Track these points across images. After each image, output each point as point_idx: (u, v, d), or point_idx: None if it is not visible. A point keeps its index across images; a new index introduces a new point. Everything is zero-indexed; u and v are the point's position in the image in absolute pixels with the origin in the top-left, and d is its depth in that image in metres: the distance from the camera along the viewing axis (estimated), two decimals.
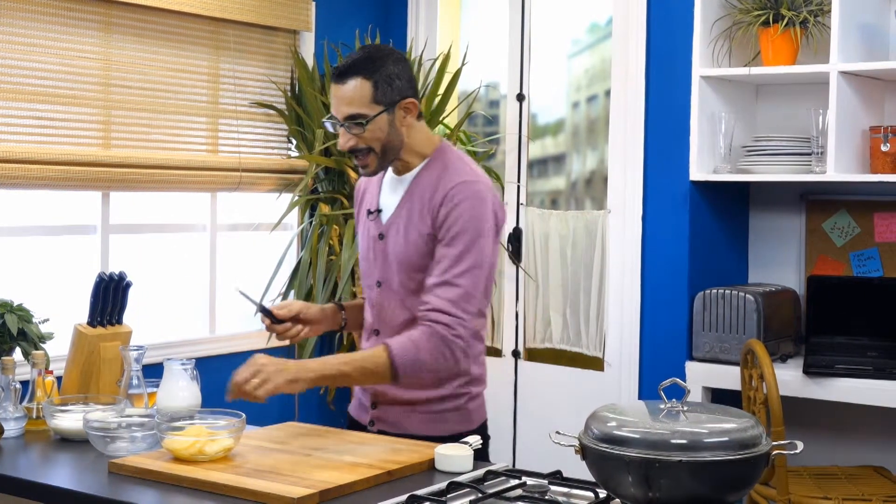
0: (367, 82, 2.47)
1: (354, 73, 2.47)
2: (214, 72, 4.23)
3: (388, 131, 2.51)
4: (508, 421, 4.63)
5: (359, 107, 2.48)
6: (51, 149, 3.66)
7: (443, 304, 2.45)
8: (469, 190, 2.50)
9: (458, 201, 2.49)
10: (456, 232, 2.48)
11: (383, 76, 2.48)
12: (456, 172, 2.54)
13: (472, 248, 2.48)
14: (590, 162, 4.69)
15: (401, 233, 2.56)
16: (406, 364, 2.43)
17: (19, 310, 2.86)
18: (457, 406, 2.63)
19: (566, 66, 4.76)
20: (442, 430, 2.58)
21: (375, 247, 2.63)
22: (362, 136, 2.50)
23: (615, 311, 4.32)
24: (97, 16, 3.83)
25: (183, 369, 2.63)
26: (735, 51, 4.12)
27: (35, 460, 2.47)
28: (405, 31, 4.92)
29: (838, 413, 4.06)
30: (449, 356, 2.46)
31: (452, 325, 2.45)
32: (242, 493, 2.06)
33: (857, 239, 4.17)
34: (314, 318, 2.69)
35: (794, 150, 3.95)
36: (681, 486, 1.80)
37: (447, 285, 2.46)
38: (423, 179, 2.57)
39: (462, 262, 2.47)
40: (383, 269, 2.61)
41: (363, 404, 2.70)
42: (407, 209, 2.57)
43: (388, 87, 2.49)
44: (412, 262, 2.54)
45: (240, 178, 4.27)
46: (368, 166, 2.55)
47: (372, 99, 2.48)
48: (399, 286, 2.57)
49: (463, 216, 2.48)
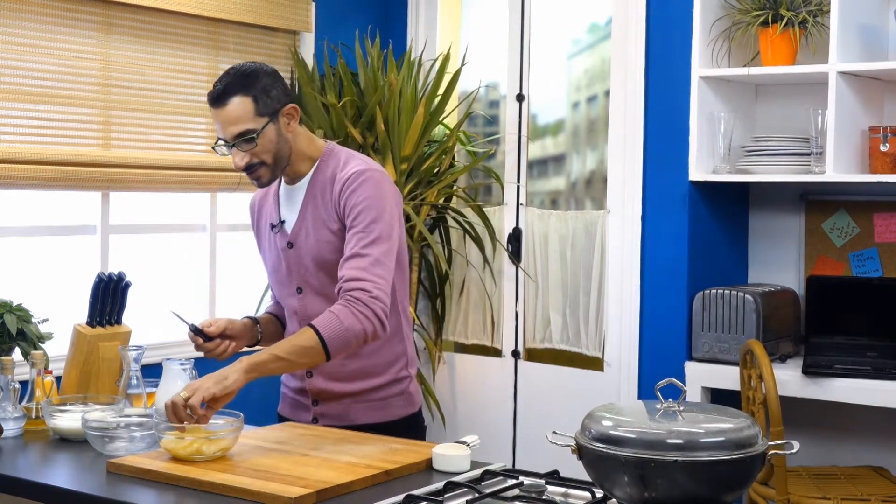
0: (247, 98, 2.53)
1: (232, 92, 2.53)
2: (214, 72, 4.23)
3: (277, 141, 2.58)
4: (508, 421, 4.64)
5: (245, 123, 2.53)
6: (50, 149, 3.67)
7: (355, 273, 2.50)
8: (363, 175, 2.58)
9: (356, 186, 2.56)
10: (358, 212, 2.55)
11: (259, 89, 2.54)
12: (348, 165, 2.62)
13: (377, 222, 2.54)
14: (589, 162, 4.69)
15: (310, 235, 2.63)
16: (333, 336, 2.44)
17: (18, 310, 2.86)
18: (400, 391, 2.71)
19: (566, 66, 4.76)
20: (387, 416, 2.68)
21: (287, 257, 2.68)
22: (254, 151, 2.56)
23: (615, 312, 4.32)
24: (96, 16, 3.83)
25: (182, 369, 2.64)
26: (734, 51, 4.13)
27: (34, 460, 2.47)
28: (405, 31, 4.93)
29: (838, 413, 4.06)
30: (372, 317, 2.47)
31: (368, 289, 2.48)
32: (240, 493, 2.07)
33: (856, 239, 4.17)
34: (239, 334, 2.74)
35: (794, 151, 3.95)
36: (677, 486, 1.80)
37: (357, 257, 2.52)
38: (318, 179, 2.64)
39: (368, 235, 2.53)
40: (300, 275, 2.67)
41: (301, 403, 2.74)
42: (311, 211, 2.63)
43: (267, 97, 2.55)
44: (326, 259, 2.60)
45: (239, 178, 4.27)
46: (261, 178, 2.61)
47: (255, 113, 2.54)
48: (320, 286, 2.63)
49: (362, 197, 2.55)
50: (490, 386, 4.71)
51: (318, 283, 2.64)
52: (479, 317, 4.78)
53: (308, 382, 2.70)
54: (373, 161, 2.68)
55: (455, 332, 4.85)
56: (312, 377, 2.69)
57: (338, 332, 2.44)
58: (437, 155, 4.50)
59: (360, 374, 2.67)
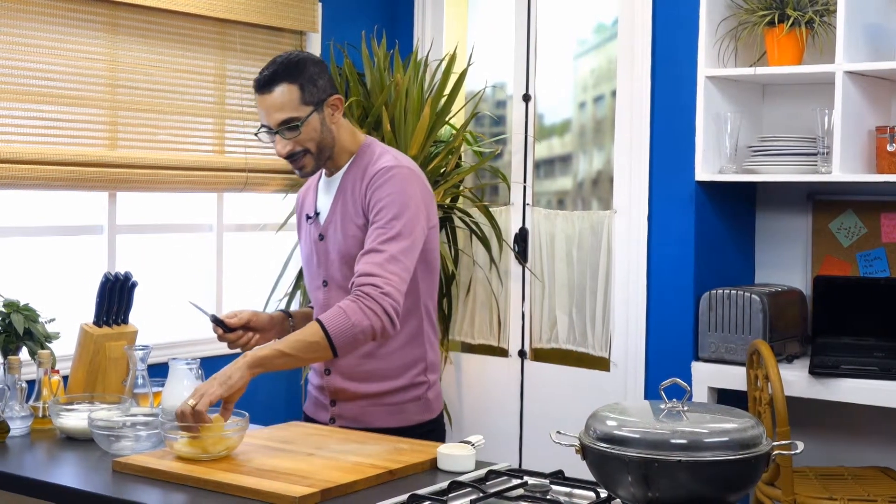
0: (293, 86, 2.55)
1: (278, 80, 2.55)
2: (221, 72, 4.25)
3: (321, 130, 2.60)
4: (515, 421, 4.64)
5: (290, 111, 2.56)
6: (57, 149, 3.68)
7: (369, 268, 2.49)
8: (391, 171, 2.59)
9: (382, 182, 2.57)
10: (380, 208, 2.56)
11: (306, 78, 2.57)
12: (379, 160, 2.62)
13: (398, 219, 2.53)
14: (596, 162, 4.69)
15: (339, 229, 2.64)
16: (339, 332, 2.41)
17: (25, 309, 2.87)
18: (417, 396, 2.69)
19: (572, 66, 4.76)
20: (403, 422, 2.66)
21: (317, 248, 2.70)
22: (298, 139, 2.58)
23: (621, 312, 4.32)
24: (103, 17, 3.84)
25: (188, 369, 2.63)
26: (741, 51, 4.12)
27: (40, 459, 2.48)
28: (412, 31, 4.93)
29: (845, 413, 4.05)
30: (381, 314, 2.44)
31: (379, 284, 2.46)
32: (244, 492, 2.07)
33: (863, 239, 4.17)
34: (264, 326, 2.73)
35: (800, 151, 3.95)
36: (680, 486, 1.80)
37: (373, 252, 2.52)
38: (350, 174, 2.66)
39: (387, 231, 2.53)
40: (327, 268, 2.68)
41: (321, 402, 2.74)
42: (341, 205, 2.65)
43: (314, 87, 2.57)
44: (351, 253, 2.60)
45: (246, 178, 4.28)
46: (305, 167, 2.63)
47: (301, 101, 2.56)
48: (343, 281, 2.63)
49: (386, 193, 2.56)
50: (496, 386, 4.71)
51: (342, 277, 2.64)
52: (486, 317, 4.78)
53: (326, 380, 2.70)
54: (406, 157, 2.68)
55: (462, 332, 4.85)
56: (330, 375, 2.69)
57: (344, 327, 2.41)
58: (444, 155, 4.50)
59: (375, 376, 2.65)
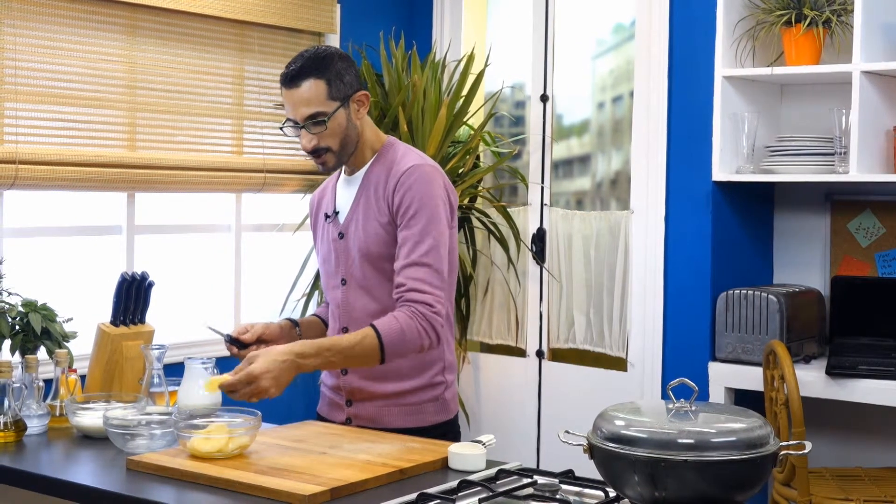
0: (320, 81, 2.56)
1: (306, 74, 2.55)
2: (239, 74, 4.27)
3: (346, 126, 2.60)
4: (532, 421, 4.64)
5: (317, 105, 2.56)
6: (77, 150, 3.71)
7: (417, 284, 2.52)
8: (418, 171, 2.59)
9: (410, 184, 2.57)
10: (413, 213, 2.56)
11: (334, 73, 2.57)
12: (404, 159, 2.63)
13: (431, 227, 2.56)
14: (615, 162, 4.69)
15: (360, 227, 2.64)
16: (393, 343, 2.48)
17: (43, 309, 2.90)
18: (435, 396, 2.69)
19: (591, 66, 4.76)
20: (420, 422, 2.66)
21: (336, 247, 2.69)
22: (323, 134, 2.58)
23: (638, 312, 4.32)
24: (122, 19, 3.88)
25: (203, 368, 2.67)
26: (758, 51, 4.11)
27: (56, 457, 2.51)
28: (430, 32, 4.95)
29: (862, 414, 4.04)
30: (431, 332, 2.51)
31: (431, 303, 2.51)
32: (256, 490, 2.09)
33: (882, 239, 4.15)
34: (275, 337, 2.73)
35: (818, 151, 3.93)
36: (687, 486, 1.81)
37: (416, 266, 2.53)
38: (373, 172, 2.66)
39: (424, 241, 2.55)
40: (346, 266, 2.68)
41: (336, 402, 2.74)
42: (363, 203, 2.65)
43: (340, 82, 2.58)
44: (373, 252, 2.61)
45: (264, 179, 4.31)
46: (328, 162, 2.63)
47: (327, 96, 2.56)
48: (363, 279, 2.64)
49: (416, 197, 2.56)
50: (514, 386, 4.72)
51: (362, 276, 2.64)
52: (504, 317, 4.79)
53: (342, 380, 2.70)
54: (428, 157, 2.69)
55: (479, 332, 4.86)
56: (347, 374, 2.69)
57: (398, 342, 2.48)
58: (461, 155, 4.51)
59: (393, 375, 2.65)
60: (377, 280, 2.62)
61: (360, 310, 2.65)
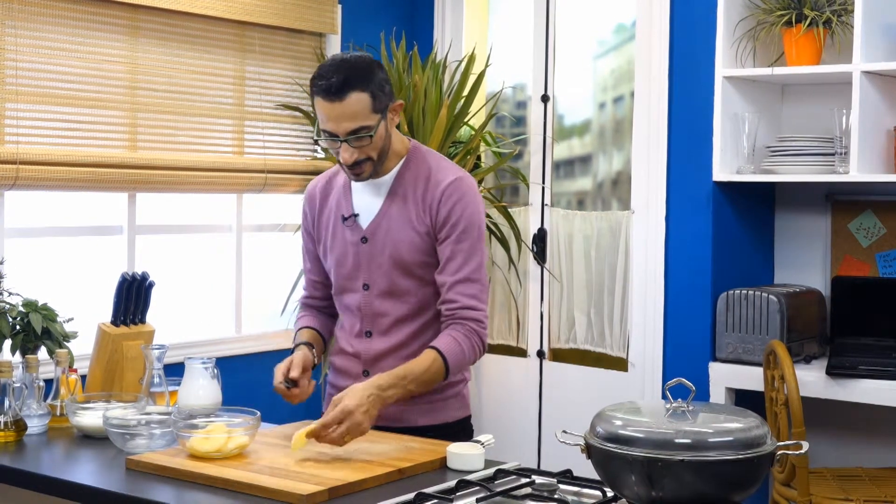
0: (365, 94, 2.47)
1: (351, 87, 2.46)
2: (240, 74, 4.28)
3: (385, 137, 2.56)
4: (533, 421, 4.65)
5: (362, 120, 2.48)
6: (78, 151, 3.72)
7: (470, 301, 2.55)
8: (464, 185, 2.59)
9: (458, 198, 2.57)
10: (462, 228, 2.56)
11: (377, 84, 2.50)
12: (443, 169, 2.62)
13: (479, 244, 2.58)
14: (616, 163, 4.69)
15: (392, 232, 2.60)
16: (456, 363, 2.54)
17: (44, 309, 2.91)
18: (456, 393, 2.71)
19: (592, 67, 4.77)
20: (443, 419, 2.66)
21: (357, 251, 2.64)
22: (364, 147, 2.51)
23: (639, 312, 4.32)
24: (123, 20, 3.88)
25: (203, 368, 2.67)
26: (759, 51, 4.12)
27: (56, 457, 2.51)
28: (431, 32, 4.95)
29: (863, 414, 4.04)
30: (481, 348, 2.58)
31: (481, 319, 2.56)
32: (254, 490, 2.10)
33: (883, 239, 4.15)
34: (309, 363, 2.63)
35: (818, 151, 3.93)
36: (684, 486, 1.81)
37: (468, 282, 2.55)
38: (407, 178, 2.62)
39: (473, 257, 2.57)
40: (369, 272, 2.63)
41: None
42: (394, 209, 2.61)
43: (382, 93, 2.51)
44: (405, 258, 2.60)
45: (265, 179, 4.31)
46: (363, 173, 2.56)
47: (372, 109, 2.49)
48: (391, 284, 2.62)
49: (465, 212, 2.57)
50: (515, 386, 4.72)
51: (388, 282, 2.61)
52: (505, 317, 4.80)
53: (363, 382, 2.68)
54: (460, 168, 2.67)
55: None
56: (369, 376, 2.64)
57: (460, 361, 2.53)
58: (462, 156, 4.52)
59: None
60: (406, 285, 2.60)
61: (387, 314, 2.63)
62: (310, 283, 2.82)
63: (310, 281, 2.82)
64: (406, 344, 2.64)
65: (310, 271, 2.81)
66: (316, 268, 2.79)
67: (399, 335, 2.64)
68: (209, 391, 2.66)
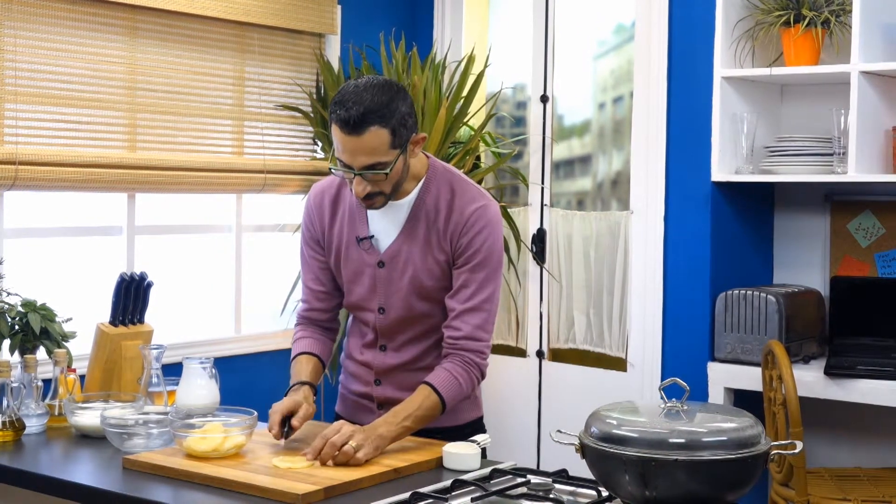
0: (384, 130, 2.36)
1: (370, 122, 2.34)
2: (240, 75, 4.28)
3: (402, 171, 2.45)
4: (532, 421, 4.65)
5: (379, 156, 2.38)
6: (77, 151, 3.73)
7: (472, 331, 2.51)
8: (488, 214, 2.53)
9: (480, 228, 2.51)
10: (481, 258, 2.51)
11: (398, 120, 2.38)
12: (466, 194, 2.54)
13: (494, 275, 2.53)
14: (616, 163, 4.69)
15: (411, 259, 2.54)
16: (451, 397, 2.50)
17: (42, 309, 2.92)
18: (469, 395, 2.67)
19: (591, 67, 4.77)
20: (456, 420, 2.63)
21: (375, 274, 2.57)
22: (378, 182, 2.42)
23: (638, 312, 4.33)
24: (123, 21, 3.89)
25: (202, 367, 2.67)
26: (757, 51, 4.12)
27: (55, 456, 2.52)
28: (430, 33, 4.95)
29: (861, 414, 4.04)
30: (478, 378, 2.56)
31: (482, 350, 2.54)
32: (250, 489, 2.10)
33: (882, 239, 4.15)
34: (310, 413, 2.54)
35: (817, 151, 3.94)
36: (678, 486, 1.82)
37: (475, 311, 2.52)
38: (428, 202, 2.54)
39: (486, 287, 2.52)
40: (387, 296, 2.57)
41: (365, 406, 2.67)
42: (415, 236, 2.54)
43: (404, 128, 2.40)
44: (425, 284, 2.54)
45: (264, 179, 4.32)
46: (375, 204, 2.47)
47: (390, 145, 2.38)
48: (405, 310, 2.57)
49: (486, 242, 2.51)
50: (514, 386, 4.72)
51: (405, 307, 2.56)
52: (504, 317, 4.80)
53: (375, 390, 2.65)
54: (479, 186, 2.61)
55: None
56: (381, 385, 2.64)
57: (456, 395, 2.50)
58: (461, 156, 4.52)
59: None
60: (423, 308, 2.56)
61: (402, 333, 2.60)
62: (311, 295, 2.69)
63: (311, 292, 2.69)
64: (420, 358, 2.62)
65: (312, 281, 2.68)
66: (323, 276, 2.67)
67: (413, 350, 2.62)
68: (207, 391, 2.66)
